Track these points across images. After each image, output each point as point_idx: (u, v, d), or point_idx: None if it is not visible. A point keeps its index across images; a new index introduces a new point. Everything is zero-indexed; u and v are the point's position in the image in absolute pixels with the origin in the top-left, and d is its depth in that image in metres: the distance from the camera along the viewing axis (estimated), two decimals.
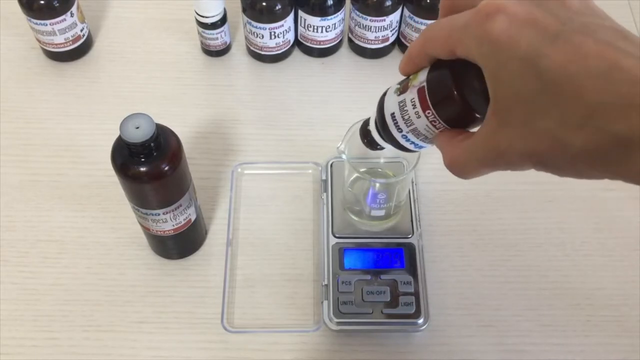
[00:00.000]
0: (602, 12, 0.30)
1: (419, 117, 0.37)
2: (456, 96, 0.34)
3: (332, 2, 0.72)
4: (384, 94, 0.41)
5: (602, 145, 0.27)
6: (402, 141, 0.40)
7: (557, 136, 0.28)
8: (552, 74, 0.27)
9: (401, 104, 0.38)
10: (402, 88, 0.38)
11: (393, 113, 0.39)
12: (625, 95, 0.25)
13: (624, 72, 0.25)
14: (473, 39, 0.30)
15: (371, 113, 0.44)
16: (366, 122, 0.46)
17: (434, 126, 0.36)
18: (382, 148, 0.46)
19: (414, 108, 0.37)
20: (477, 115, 0.34)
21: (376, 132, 0.43)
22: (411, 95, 0.37)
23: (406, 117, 0.38)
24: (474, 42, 0.30)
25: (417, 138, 0.39)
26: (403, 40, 0.78)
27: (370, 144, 0.46)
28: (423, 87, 0.36)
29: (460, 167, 0.35)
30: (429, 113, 0.36)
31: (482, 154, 0.33)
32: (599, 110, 0.26)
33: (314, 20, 0.74)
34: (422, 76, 0.36)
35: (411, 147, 0.40)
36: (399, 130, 0.39)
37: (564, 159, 0.29)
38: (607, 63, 0.26)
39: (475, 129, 0.35)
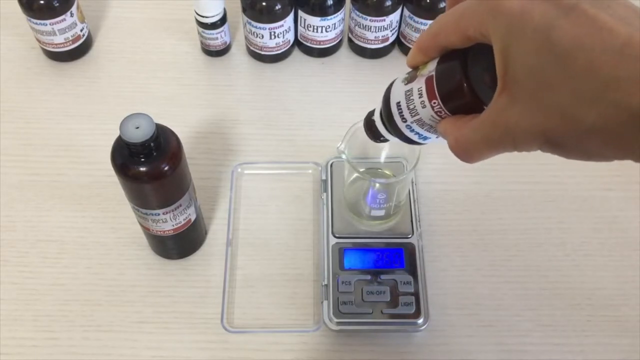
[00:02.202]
0: None
1: (424, 106, 0.36)
2: (465, 87, 0.33)
3: (332, 2, 0.72)
4: (391, 85, 0.41)
5: (616, 120, 0.26)
6: (406, 132, 0.39)
7: (568, 111, 0.27)
8: (565, 46, 0.26)
9: (407, 93, 0.37)
10: (410, 78, 0.38)
11: (399, 102, 0.38)
12: None
13: (638, 48, 0.25)
14: (485, 14, 0.30)
15: (375, 105, 0.44)
16: (370, 113, 0.45)
17: (439, 116, 0.36)
18: (385, 140, 0.45)
19: (420, 97, 0.36)
20: (484, 107, 0.34)
21: (380, 122, 0.43)
22: (418, 84, 0.37)
23: (411, 107, 0.37)
24: (486, 16, 0.30)
25: (422, 128, 0.38)
26: (403, 40, 0.78)
27: (374, 135, 0.45)
28: (431, 76, 0.36)
29: (465, 148, 0.34)
30: (434, 103, 0.35)
31: (488, 133, 0.32)
32: (613, 85, 0.25)
33: (314, 20, 0.74)
34: (431, 66, 0.36)
35: (415, 137, 0.40)
36: (404, 120, 0.39)
37: (575, 136, 0.28)
38: (621, 38, 0.25)
39: None
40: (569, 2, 0.27)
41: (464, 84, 0.33)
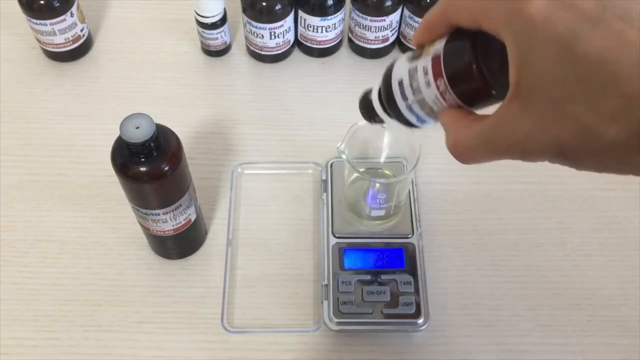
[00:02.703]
0: None
1: (428, 86, 0.35)
2: (474, 70, 0.32)
3: (332, 2, 0.72)
4: (392, 63, 0.39)
5: (637, 137, 0.25)
6: (406, 112, 0.38)
7: (587, 124, 0.26)
8: (589, 59, 0.26)
9: (411, 71, 0.36)
10: (415, 56, 0.36)
11: (401, 80, 0.37)
12: None
13: None
14: (504, 14, 0.28)
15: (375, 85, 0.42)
16: (367, 91, 0.43)
17: (443, 98, 0.34)
18: (380, 121, 0.43)
19: (425, 76, 0.35)
20: (493, 93, 0.32)
21: (378, 102, 0.41)
22: (424, 62, 0.35)
23: (415, 85, 0.36)
24: (505, 18, 0.28)
25: (422, 110, 0.36)
26: (403, 40, 0.78)
27: (369, 114, 0.43)
28: (439, 55, 0.34)
29: (465, 151, 0.33)
30: (440, 82, 0.34)
31: (495, 140, 0.31)
32: (637, 102, 0.25)
33: (314, 20, 0.74)
34: (439, 44, 0.34)
35: (413, 119, 0.38)
36: (405, 98, 0.37)
37: (591, 149, 0.27)
38: None
39: (482, 111, 0.33)
40: (594, 13, 0.26)
41: (474, 66, 0.32)
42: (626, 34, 0.25)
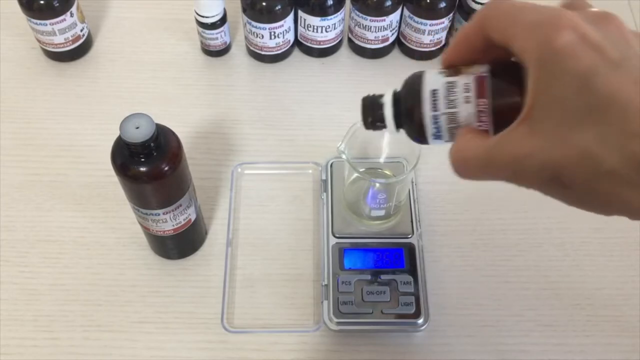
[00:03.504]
0: None
1: (468, 102, 0.36)
2: (519, 99, 0.33)
3: (332, 2, 0.72)
4: (419, 74, 0.39)
5: (634, 167, 0.28)
6: (429, 122, 0.37)
7: (590, 151, 0.28)
8: (605, 95, 0.28)
9: (449, 85, 0.36)
10: (451, 72, 0.37)
11: (435, 90, 0.37)
12: None
13: None
14: (536, 40, 0.30)
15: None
16: (377, 96, 0.42)
17: (478, 117, 0.35)
18: (380, 127, 0.41)
19: (465, 92, 0.36)
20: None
21: (391, 108, 0.40)
22: (465, 79, 0.36)
23: (452, 98, 0.36)
24: (535, 44, 0.30)
25: (448, 124, 0.37)
26: (403, 40, 0.78)
27: (374, 120, 0.41)
28: (484, 76, 0.35)
29: (464, 161, 0.35)
30: (482, 102, 0.35)
31: (495, 155, 0.32)
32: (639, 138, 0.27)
33: (314, 20, 0.74)
34: (482, 67, 0.36)
35: (431, 131, 0.38)
36: (435, 109, 0.37)
37: (588, 175, 0.29)
38: None
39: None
40: (617, 60, 0.29)
41: (519, 96, 0.33)
42: None
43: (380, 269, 0.60)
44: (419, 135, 0.39)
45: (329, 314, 0.58)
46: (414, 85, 0.38)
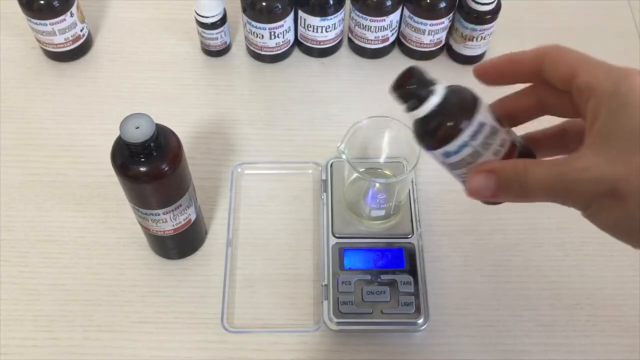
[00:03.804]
0: None
1: (496, 156, 0.38)
2: None
3: (332, 2, 0.72)
4: (473, 97, 0.38)
5: None
6: (456, 142, 0.37)
7: None
8: None
9: (493, 130, 0.38)
10: (498, 120, 0.39)
11: (483, 125, 0.37)
12: None
13: None
14: (611, 79, 0.34)
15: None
16: (429, 80, 0.39)
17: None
18: (412, 105, 0.38)
19: (499, 146, 0.38)
20: None
21: (437, 100, 0.38)
22: (504, 135, 0.38)
23: (489, 141, 0.38)
24: (611, 82, 0.34)
25: (466, 156, 0.38)
26: (403, 40, 0.78)
27: (412, 94, 0.38)
28: (516, 146, 0.39)
29: (525, 179, 0.36)
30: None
31: (564, 172, 0.35)
32: None
33: (314, 20, 0.74)
34: (518, 137, 0.40)
35: (447, 148, 0.38)
36: (472, 139, 0.37)
37: None
38: None
39: None
40: None
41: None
42: None
43: (380, 269, 0.60)
44: (432, 139, 0.38)
45: (329, 314, 0.58)
46: (468, 103, 0.38)
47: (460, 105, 0.38)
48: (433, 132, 0.38)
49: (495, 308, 0.61)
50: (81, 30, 0.76)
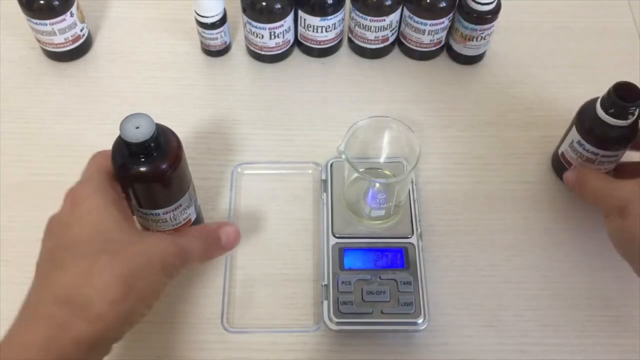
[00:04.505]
0: None
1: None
2: None
3: (332, 2, 0.72)
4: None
5: None
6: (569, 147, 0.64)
7: None
8: None
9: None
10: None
11: (564, 152, 0.64)
12: None
13: None
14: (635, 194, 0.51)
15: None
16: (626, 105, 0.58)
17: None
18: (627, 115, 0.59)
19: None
20: None
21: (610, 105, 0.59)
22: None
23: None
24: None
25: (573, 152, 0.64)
26: (403, 40, 0.78)
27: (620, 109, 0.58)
28: None
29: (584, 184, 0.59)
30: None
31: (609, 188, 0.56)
32: None
33: (314, 20, 0.74)
34: None
35: (580, 129, 0.62)
36: (576, 153, 0.63)
37: None
38: None
39: None
40: None
41: None
42: None
43: (380, 269, 0.60)
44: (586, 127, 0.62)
45: (329, 314, 0.58)
46: (597, 133, 0.60)
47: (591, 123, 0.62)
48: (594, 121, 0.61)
49: (495, 308, 0.61)
50: (81, 30, 0.76)
